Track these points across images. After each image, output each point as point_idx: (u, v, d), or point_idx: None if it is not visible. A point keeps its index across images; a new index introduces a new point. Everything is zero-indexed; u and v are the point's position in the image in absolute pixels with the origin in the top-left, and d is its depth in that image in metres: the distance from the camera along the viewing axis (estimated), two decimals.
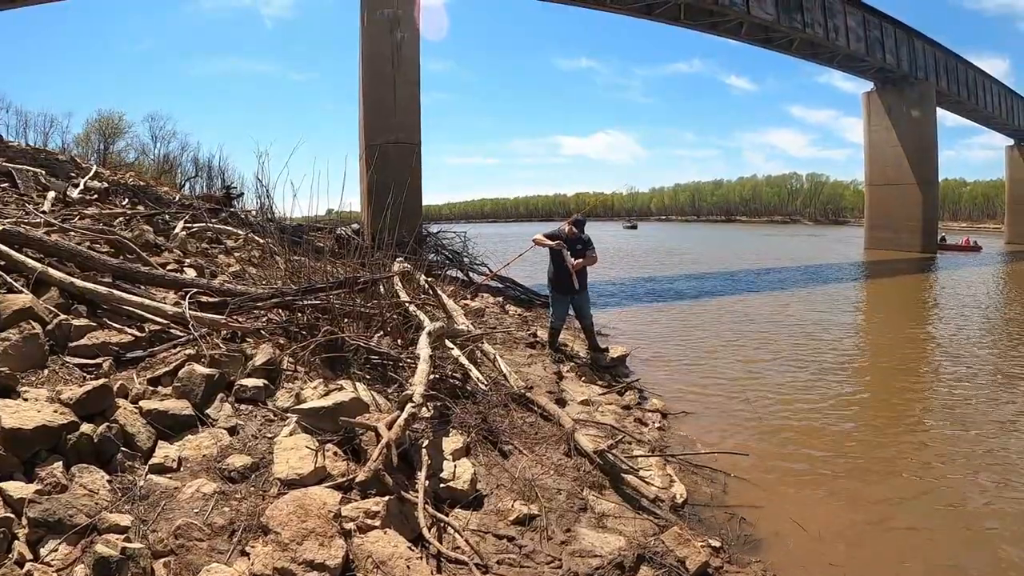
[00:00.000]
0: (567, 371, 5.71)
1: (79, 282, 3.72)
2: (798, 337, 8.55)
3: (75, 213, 6.67)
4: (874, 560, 3.00)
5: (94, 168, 11.39)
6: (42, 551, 1.96)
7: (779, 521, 3.30)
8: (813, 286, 15.14)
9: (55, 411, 2.46)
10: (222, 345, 3.56)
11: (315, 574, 2.04)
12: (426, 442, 3.05)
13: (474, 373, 4.18)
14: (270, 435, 2.90)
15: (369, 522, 2.30)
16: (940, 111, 29.46)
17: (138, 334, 3.53)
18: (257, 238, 7.67)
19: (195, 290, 4.14)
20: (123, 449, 2.52)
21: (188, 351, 3.36)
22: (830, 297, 13.11)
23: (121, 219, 7.02)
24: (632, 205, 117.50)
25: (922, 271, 20.07)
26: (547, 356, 5.96)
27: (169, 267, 5.31)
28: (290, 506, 2.25)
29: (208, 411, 2.99)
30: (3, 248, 3.81)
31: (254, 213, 9.38)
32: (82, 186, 8.54)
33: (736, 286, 14.99)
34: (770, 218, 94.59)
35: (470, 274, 10.39)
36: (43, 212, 5.98)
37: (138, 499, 2.28)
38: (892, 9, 52.18)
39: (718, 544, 2.93)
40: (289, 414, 3.05)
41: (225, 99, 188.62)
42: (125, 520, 2.12)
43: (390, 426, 2.71)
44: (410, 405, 2.92)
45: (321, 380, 3.47)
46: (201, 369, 3.11)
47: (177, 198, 11.64)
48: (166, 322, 3.72)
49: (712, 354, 7.42)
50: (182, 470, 2.55)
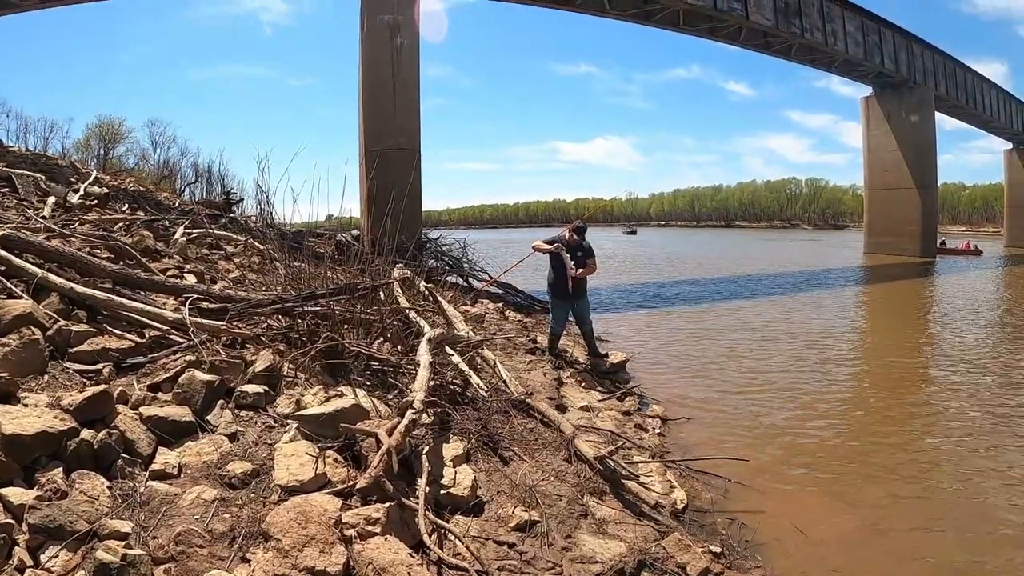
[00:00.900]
0: (567, 377, 5.71)
1: (79, 288, 3.73)
2: (798, 342, 8.56)
3: (75, 219, 6.70)
4: (875, 565, 3.01)
5: (94, 173, 11.43)
6: (42, 557, 1.96)
7: (780, 526, 3.30)
8: (813, 291, 15.15)
9: (55, 417, 2.46)
10: (222, 351, 3.57)
11: None
12: (426, 448, 3.04)
13: (474, 379, 4.19)
14: (270, 441, 2.89)
15: (370, 529, 2.30)
16: (939, 115, 29.55)
17: (138, 340, 3.54)
18: (257, 244, 7.69)
19: (195, 296, 4.15)
20: (123, 455, 2.52)
21: (188, 357, 3.36)
22: (830, 302, 13.12)
23: (121, 225, 7.04)
24: (632, 211, 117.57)
25: (922, 276, 20.06)
26: (547, 362, 5.95)
27: (169, 273, 5.33)
28: (291, 513, 2.24)
29: (208, 417, 2.99)
30: (3, 253, 3.82)
31: (254, 219, 9.40)
32: (82, 191, 8.57)
33: (736, 291, 15.00)
34: (769, 223, 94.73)
35: (470, 280, 10.39)
36: (43, 217, 6.00)
37: (138, 505, 2.28)
38: (890, 14, 52.51)
39: (719, 550, 2.94)
40: (289, 420, 3.05)
41: (225, 105, 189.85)
42: (125, 526, 2.12)
43: (390, 432, 2.70)
44: (410, 411, 2.92)
45: (321, 386, 3.47)
46: (201, 375, 3.11)
47: (177, 204, 11.65)
48: (166, 328, 3.73)
49: (712, 360, 7.43)
50: (182, 476, 2.55)
